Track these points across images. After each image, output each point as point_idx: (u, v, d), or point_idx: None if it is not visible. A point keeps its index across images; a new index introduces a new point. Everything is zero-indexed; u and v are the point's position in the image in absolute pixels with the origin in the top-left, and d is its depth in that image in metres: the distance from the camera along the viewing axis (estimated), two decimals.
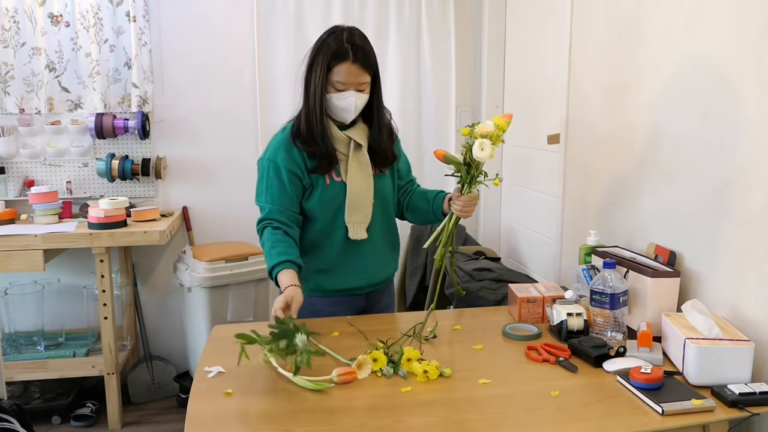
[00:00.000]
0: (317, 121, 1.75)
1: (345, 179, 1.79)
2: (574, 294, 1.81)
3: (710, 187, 1.63)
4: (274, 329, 1.45)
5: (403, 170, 2.00)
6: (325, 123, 1.77)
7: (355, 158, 1.80)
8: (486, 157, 1.66)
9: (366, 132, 1.84)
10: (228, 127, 3.08)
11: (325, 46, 1.74)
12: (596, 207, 2.24)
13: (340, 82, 1.72)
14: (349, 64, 1.71)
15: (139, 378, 3.03)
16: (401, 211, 2.00)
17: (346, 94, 1.73)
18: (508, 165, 3.10)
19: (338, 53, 1.71)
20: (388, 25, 3.09)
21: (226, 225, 3.12)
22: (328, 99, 1.75)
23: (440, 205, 1.86)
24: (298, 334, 1.40)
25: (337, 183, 1.79)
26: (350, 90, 1.73)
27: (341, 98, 1.74)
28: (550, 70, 2.57)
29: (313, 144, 1.76)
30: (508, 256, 3.14)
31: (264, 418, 1.27)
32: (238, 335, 1.43)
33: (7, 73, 2.83)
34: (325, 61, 1.72)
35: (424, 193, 1.96)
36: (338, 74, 1.72)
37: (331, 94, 1.74)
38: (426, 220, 1.96)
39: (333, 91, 1.74)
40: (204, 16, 2.99)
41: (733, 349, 1.37)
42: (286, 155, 1.77)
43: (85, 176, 3.00)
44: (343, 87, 1.73)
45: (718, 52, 1.61)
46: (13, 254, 2.52)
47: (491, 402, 1.33)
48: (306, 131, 1.77)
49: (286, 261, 1.69)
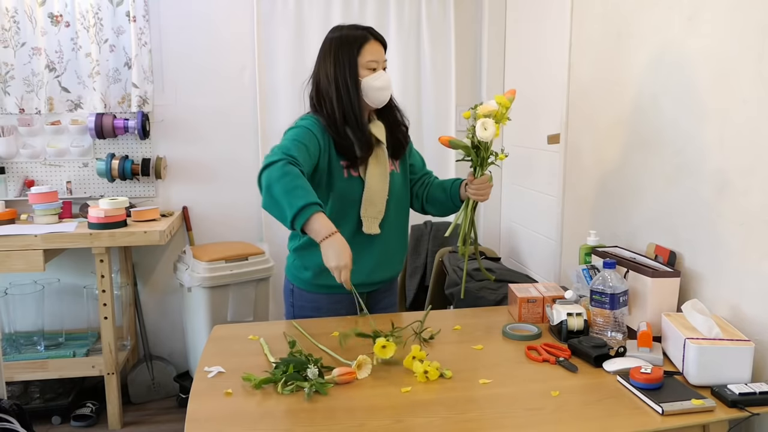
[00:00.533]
0: (359, 112, 1.76)
1: (362, 175, 1.79)
2: (574, 294, 1.81)
3: (710, 187, 1.63)
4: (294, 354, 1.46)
5: (417, 165, 2.00)
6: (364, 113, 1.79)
7: (374, 155, 1.80)
8: (490, 136, 1.66)
9: (383, 128, 1.85)
10: (228, 127, 3.08)
11: (342, 38, 1.77)
12: (596, 207, 2.24)
13: (373, 60, 1.76)
14: (373, 42, 1.77)
15: (139, 378, 3.03)
16: (421, 204, 1.99)
17: (381, 73, 1.77)
18: (508, 165, 3.10)
19: (360, 37, 1.76)
20: (388, 25, 3.09)
21: (226, 225, 3.12)
22: (365, 83, 1.75)
23: (457, 193, 1.87)
24: (310, 367, 1.41)
25: (355, 178, 1.79)
26: (380, 69, 1.77)
27: (377, 78, 1.76)
28: (550, 70, 2.57)
29: (357, 134, 1.75)
30: (508, 256, 3.14)
31: (264, 418, 1.27)
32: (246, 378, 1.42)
33: (7, 73, 2.83)
34: (352, 48, 1.75)
35: (441, 184, 1.95)
36: (369, 54, 1.75)
37: (366, 77, 1.76)
38: (446, 210, 1.95)
39: (367, 73, 1.76)
40: (204, 16, 3.00)
41: (733, 349, 1.37)
42: (320, 131, 1.74)
43: (85, 176, 3.00)
44: (376, 65, 1.76)
45: (717, 51, 1.61)
46: (13, 254, 2.52)
47: (491, 402, 1.33)
48: (345, 125, 1.76)
49: (316, 203, 1.52)
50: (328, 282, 1.73)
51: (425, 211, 2.01)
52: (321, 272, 1.77)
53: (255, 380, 1.39)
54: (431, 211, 2.00)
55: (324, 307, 1.85)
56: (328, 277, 1.74)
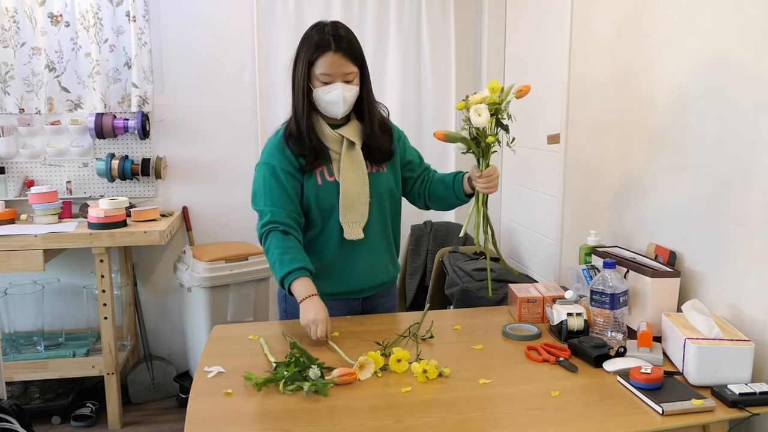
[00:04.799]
0: (303, 117, 1.73)
1: (338, 178, 1.76)
2: (574, 294, 1.81)
3: (710, 187, 1.63)
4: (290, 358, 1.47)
5: (415, 161, 1.95)
6: (313, 119, 1.75)
7: (347, 156, 1.76)
8: (484, 121, 1.61)
9: (359, 129, 1.81)
10: (228, 127, 3.08)
11: (307, 39, 1.72)
12: (596, 207, 2.24)
13: (325, 73, 1.69)
14: (331, 54, 1.68)
15: (139, 378, 3.03)
16: (425, 202, 1.95)
17: (333, 87, 1.70)
18: (508, 165, 3.10)
19: (320, 44, 1.69)
20: (388, 25, 3.09)
21: (226, 225, 3.12)
22: (316, 94, 1.72)
23: (461, 187, 1.81)
24: (313, 367, 1.41)
25: (330, 183, 1.76)
26: (336, 82, 1.70)
27: (327, 91, 1.70)
28: (550, 69, 2.57)
29: (302, 143, 1.74)
30: (508, 256, 3.14)
31: (264, 418, 1.27)
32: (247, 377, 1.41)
33: (7, 73, 2.83)
34: (308, 54, 1.70)
35: (442, 178, 1.90)
36: (322, 66, 1.69)
37: (318, 88, 1.71)
38: (450, 204, 1.91)
39: (319, 85, 1.71)
40: (204, 16, 2.99)
41: (733, 349, 1.37)
42: (281, 156, 1.75)
43: (85, 176, 3.00)
44: (328, 79, 1.69)
45: (717, 50, 1.60)
46: (13, 254, 2.52)
47: (491, 402, 1.33)
48: (296, 130, 1.74)
49: (301, 268, 1.66)
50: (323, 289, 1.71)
51: (429, 208, 1.97)
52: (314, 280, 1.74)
53: (256, 380, 1.39)
54: (435, 207, 1.96)
55: None
56: (322, 283, 1.73)
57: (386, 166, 1.86)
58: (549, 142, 2.61)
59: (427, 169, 1.97)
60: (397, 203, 1.91)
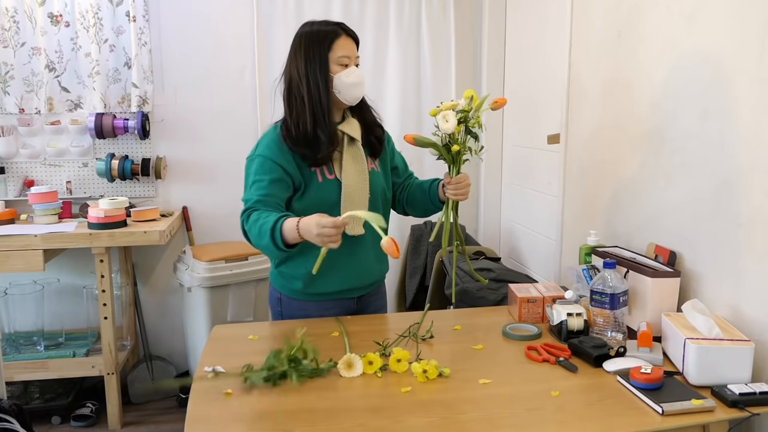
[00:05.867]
0: (326, 109, 1.71)
1: (339, 176, 1.75)
2: (574, 294, 1.81)
3: (710, 186, 1.63)
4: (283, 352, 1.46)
5: (401, 167, 1.97)
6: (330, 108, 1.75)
7: (349, 153, 1.77)
8: (451, 128, 1.64)
9: (358, 126, 1.81)
10: (228, 127, 3.08)
11: (312, 34, 1.74)
12: (596, 207, 2.23)
13: (345, 56, 1.72)
14: (344, 37, 1.74)
15: (139, 378, 3.03)
16: (402, 208, 1.97)
17: (353, 69, 1.73)
18: (508, 165, 3.10)
19: (332, 32, 1.73)
20: (388, 25, 3.09)
21: (226, 225, 3.12)
22: (338, 79, 1.72)
23: (435, 194, 1.84)
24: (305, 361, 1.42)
25: (331, 181, 1.75)
26: (352, 65, 1.74)
27: (350, 74, 1.72)
28: (550, 69, 2.57)
29: (304, 141, 1.71)
30: (508, 256, 3.14)
31: (264, 418, 1.27)
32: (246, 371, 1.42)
33: (7, 73, 2.83)
34: (323, 43, 1.72)
35: (420, 185, 1.93)
36: (340, 49, 1.72)
37: (339, 73, 1.72)
38: (426, 211, 1.92)
39: (339, 69, 1.72)
40: (204, 16, 3.00)
41: (733, 349, 1.37)
42: (278, 152, 1.73)
43: (85, 176, 3.00)
44: (347, 61, 1.73)
45: (718, 50, 1.61)
46: (13, 254, 2.52)
47: (491, 402, 1.33)
48: (311, 129, 1.71)
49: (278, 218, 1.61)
50: (318, 290, 1.72)
51: (407, 214, 1.99)
52: (311, 281, 1.76)
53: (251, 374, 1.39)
54: (412, 213, 1.98)
55: (314, 314, 1.82)
56: (318, 284, 1.75)
57: (378, 164, 1.87)
58: (549, 142, 2.61)
59: (410, 176, 2.01)
60: (388, 204, 1.93)
